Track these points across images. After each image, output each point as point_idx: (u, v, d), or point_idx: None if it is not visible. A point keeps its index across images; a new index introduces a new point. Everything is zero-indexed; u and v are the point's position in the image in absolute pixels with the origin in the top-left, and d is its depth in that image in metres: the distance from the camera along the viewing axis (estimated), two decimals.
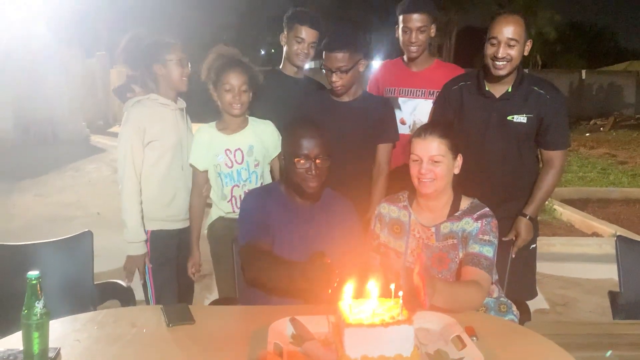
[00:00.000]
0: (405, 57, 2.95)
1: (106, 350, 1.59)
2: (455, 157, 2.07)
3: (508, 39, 2.37)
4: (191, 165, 2.61)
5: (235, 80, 2.48)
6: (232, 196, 2.55)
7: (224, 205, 2.57)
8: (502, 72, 2.42)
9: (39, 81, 11.30)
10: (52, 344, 1.50)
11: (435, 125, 2.11)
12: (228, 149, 2.54)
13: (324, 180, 2.11)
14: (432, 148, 2.02)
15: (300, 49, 2.80)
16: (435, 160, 2.02)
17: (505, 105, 2.51)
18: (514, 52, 2.38)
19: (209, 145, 2.56)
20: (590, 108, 19.66)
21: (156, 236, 2.59)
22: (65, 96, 12.21)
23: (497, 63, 2.40)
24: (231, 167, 2.54)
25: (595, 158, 11.11)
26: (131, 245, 2.53)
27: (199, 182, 2.62)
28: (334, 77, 2.57)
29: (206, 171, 2.59)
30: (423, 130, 2.06)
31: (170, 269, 2.64)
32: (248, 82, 2.50)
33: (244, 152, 2.55)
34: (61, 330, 1.67)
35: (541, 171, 2.59)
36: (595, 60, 33.32)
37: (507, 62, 2.39)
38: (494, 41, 2.39)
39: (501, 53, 2.38)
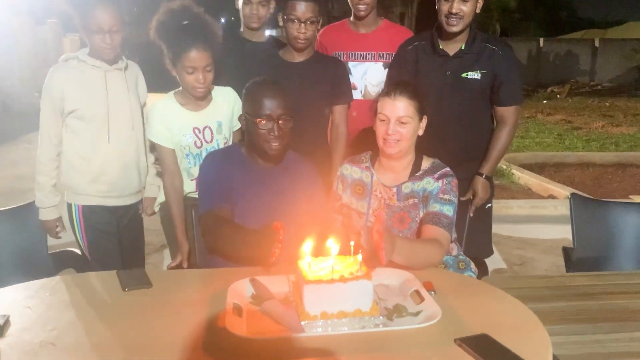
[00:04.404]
0: (352, 19, 2.87)
1: (59, 316, 1.54)
2: (420, 119, 2.07)
3: None
4: (156, 144, 2.38)
5: (199, 61, 2.21)
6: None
7: (186, 185, 2.41)
8: (456, 29, 2.44)
9: None
10: (1, 311, 1.45)
11: (405, 85, 2.08)
12: (197, 128, 2.34)
13: (287, 141, 2.06)
14: (401, 108, 2.01)
15: (249, 10, 2.67)
16: (402, 121, 2.01)
17: (460, 62, 2.52)
18: (466, 8, 2.41)
19: (174, 123, 2.33)
20: (548, 76, 19.99)
21: (88, 211, 2.38)
22: (15, 66, 11.71)
23: (451, 19, 2.42)
24: (200, 146, 2.36)
25: (552, 124, 11.36)
26: (40, 210, 2.37)
27: (171, 162, 2.36)
28: (302, 29, 2.44)
29: (174, 150, 2.38)
30: (392, 90, 2.03)
31: (109, 242, 2.43)
32: (213, 58, 2.25)
33: (213, 130, 2.37)
34: (12, 298, 1.62)
35: (495, 129, 2.62)
36: (553, 29, 33.79)
37: (460, 18, 2.42)
38: None
39: (455, 8, 2.40)
